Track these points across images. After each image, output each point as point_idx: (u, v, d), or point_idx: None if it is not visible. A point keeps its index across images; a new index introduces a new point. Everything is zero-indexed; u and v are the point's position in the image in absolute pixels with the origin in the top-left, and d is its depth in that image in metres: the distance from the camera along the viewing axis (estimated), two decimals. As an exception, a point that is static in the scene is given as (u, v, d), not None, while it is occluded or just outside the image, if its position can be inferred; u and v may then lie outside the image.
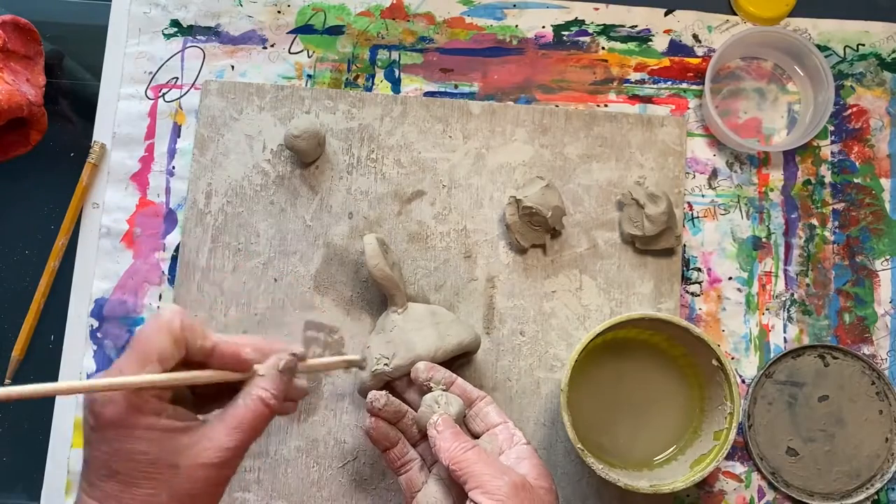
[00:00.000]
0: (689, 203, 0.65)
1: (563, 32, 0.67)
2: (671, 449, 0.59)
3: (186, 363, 0.42)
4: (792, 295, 0.64)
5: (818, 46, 0.67)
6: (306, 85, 0.66)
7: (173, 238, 0.64)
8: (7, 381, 0.62)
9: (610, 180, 0.64)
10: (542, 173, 0.63)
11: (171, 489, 0.40)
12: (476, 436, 0.53)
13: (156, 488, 0.40)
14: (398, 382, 0.56)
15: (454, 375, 0.54)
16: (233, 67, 0.66)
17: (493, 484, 0.46)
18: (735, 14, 0.68)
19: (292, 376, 0.45)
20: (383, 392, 0.53)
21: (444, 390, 0.53)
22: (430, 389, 0.53)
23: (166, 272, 0.63)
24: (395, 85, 0.66)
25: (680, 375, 0.59)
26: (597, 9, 0.68)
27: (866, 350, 0.63)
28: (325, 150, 0.64)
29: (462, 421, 0.53)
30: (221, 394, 0.44)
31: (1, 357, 0.62)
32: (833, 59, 0.67)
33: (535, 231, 0.61)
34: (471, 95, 0.66)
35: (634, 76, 0.67)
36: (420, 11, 0.68)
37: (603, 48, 0.67)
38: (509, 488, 0.46)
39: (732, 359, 0.63)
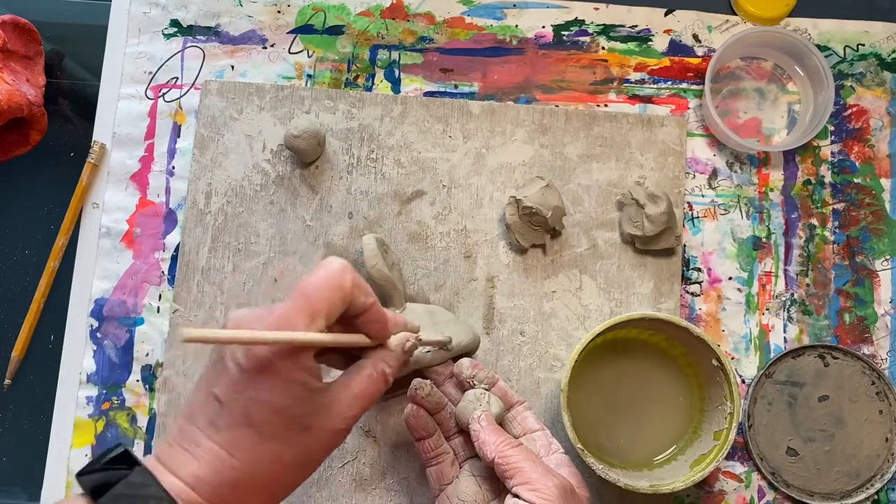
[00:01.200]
0: (689, 203, 0.65)
1: (563, 32, 0.67)
2: (671, 449, 0.59)
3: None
4: (792, 295, 0.64)
5: (818, 46, 0.67)
6: (306, 85, 0.66)
7: (173, 238, 0.64)
8: (7, 381, 0.62)
9: (610, 180, 0.64)
10: (542, 173, 0.63)
11: (295, 450, 0.39)
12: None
13: (284, 446, 0.39)
14: (434, 376, 0.56)
15: (497, 376, 0.54)
16: (233, 67, 0.66)
17: (541, 483, 0.46)
18: (735, 14, 0.68)
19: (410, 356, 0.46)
20: (427, 381, 0.53)
21: (486, 389, 0.53)
22: (472, 386, 0.54)
23: (166, 272, 0.63)
24: (395, 85, 0.66)
25: (680, 375, 0.59)
26: (597, 9, 0.68)
27: (866, 350, 0.63)
28: (325, 150, 0.64)
29: (501, 423, 0.53)
30: (333, 350, 0.44)
31: (1, 357, 0.62)
32: (833, 59, 0.67)
33: (535, 231, 0.61)
34: (471, 95, 0.66)
35: (634, 76, 0.67)
36: (420, 11, 0.68)
37: (603, 48, 0.67)
38: (558, 490, 0.46)
39: (732, 359, 0.63)
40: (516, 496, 0.46)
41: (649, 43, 0.67)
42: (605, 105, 0.66)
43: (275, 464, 0.39)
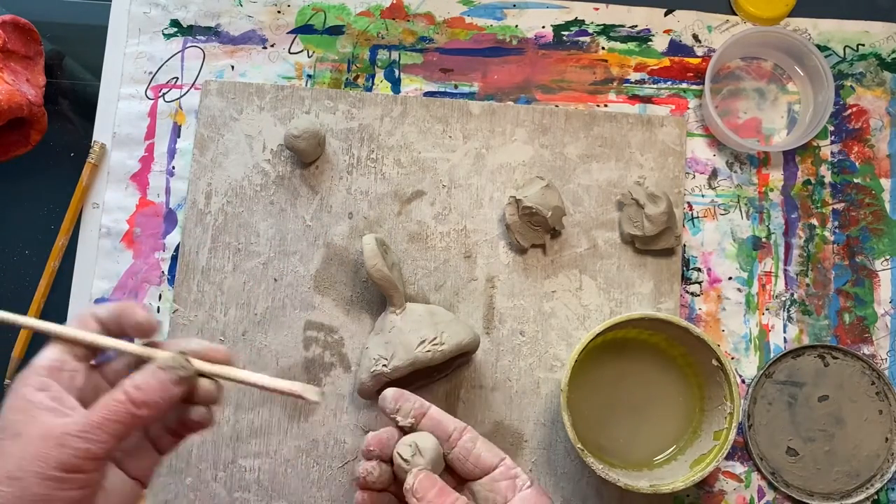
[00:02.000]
0: (689, 203, 0.65)
1: (563, 32, 0.67)
2: (671, 449, 0.59)
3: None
4: (792, 295, 0.64)
5: (818, 46, 0.67)
6: (306, 85, 0.66)
7: (173, 238, 0.64)
8: (7, 381, 0.62)
9: (610, 180, 0.64)
10: (542, 173, 0.63)
11: (6, 458, 0.37)
12: (471, 481, 0.48)
13: None
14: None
15: (426, 404, 0.48)
16: (233, 67, 0.66)
17: None
18: (735, 14, 0.68)
19: (181, 376, 0.40)
20: (374, 463, 0.47)
21: (412, 423, 0.47)
22: (396, 423, 0.48)
23: (166, 272, 0.63)
24: (395, 85, 0.66)
25: (680, 375, 0.59)
26: (597, 9, 0.68)
27: (866, 350, 0.63)
28: (325, 150, 0.64)
29: (440, 460, 0.47)
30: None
31: (1, 357, 0.62)
32: (833, 59, 0.67)
33: (535, 231, 0.61)
34: (471, 95, 0.66)
35: (634, 76, 0.67)
36: (420, 11, 0.68)
37: (603, 48, 0.67)
38: None
39: (732, 359, 0.63)
40: None
41: (649, 43, 0.67)
42: (605, 105, 0.66)
43: None
